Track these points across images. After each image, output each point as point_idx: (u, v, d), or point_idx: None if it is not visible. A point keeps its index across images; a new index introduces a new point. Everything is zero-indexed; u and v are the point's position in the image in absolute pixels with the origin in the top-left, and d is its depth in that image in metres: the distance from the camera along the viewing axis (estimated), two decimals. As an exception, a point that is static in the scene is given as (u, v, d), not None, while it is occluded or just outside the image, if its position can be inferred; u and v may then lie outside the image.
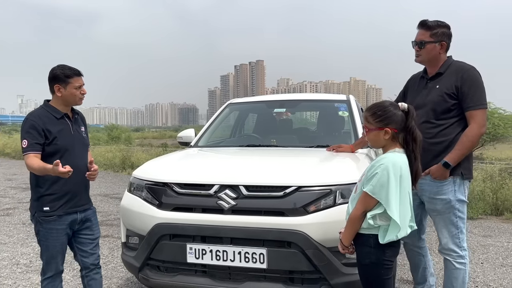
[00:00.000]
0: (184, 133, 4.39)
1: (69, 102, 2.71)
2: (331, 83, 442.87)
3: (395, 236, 2.01)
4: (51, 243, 2.67)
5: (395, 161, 2.04)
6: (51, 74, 2.66)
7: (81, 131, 2.84)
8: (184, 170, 3.15)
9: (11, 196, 8.62)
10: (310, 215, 2.57)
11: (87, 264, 2.84)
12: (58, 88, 2.65)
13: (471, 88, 2.71)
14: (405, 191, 2.05)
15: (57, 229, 2.66)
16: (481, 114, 2.71)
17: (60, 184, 2.64)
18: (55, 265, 2.73)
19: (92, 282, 2.87)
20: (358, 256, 2.16)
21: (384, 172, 2.02)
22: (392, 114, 2.12)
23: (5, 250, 4.80)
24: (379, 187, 2.02)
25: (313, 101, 4.77)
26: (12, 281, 3.86)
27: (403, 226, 2.02)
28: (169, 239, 2.77)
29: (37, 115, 2.64)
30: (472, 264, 4.29)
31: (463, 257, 2.80)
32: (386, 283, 2.09)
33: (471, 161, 2.87)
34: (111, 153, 14.77)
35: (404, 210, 2.04)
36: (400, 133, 2.13)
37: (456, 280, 2.81)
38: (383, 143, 2.16)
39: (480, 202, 6.69)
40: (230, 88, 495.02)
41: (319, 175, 2.76)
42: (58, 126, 2.66)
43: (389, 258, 2.08)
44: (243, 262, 2.62)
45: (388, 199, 2.00)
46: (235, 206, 2.66)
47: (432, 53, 2.82)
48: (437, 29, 2.80)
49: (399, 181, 2.02)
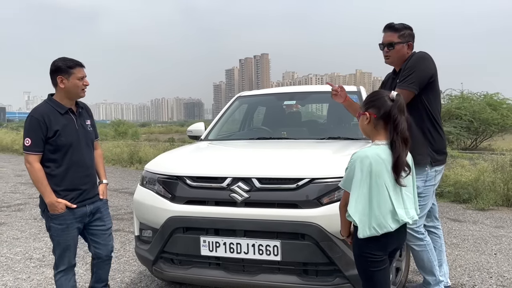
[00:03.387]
0: (193, 126, 4.38)
1: (72, 94, 2.69)
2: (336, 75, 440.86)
3: (373, 229, 1.98)
4: (62, 238, 2.70)
5: (365, 156, 2.00)
6: (53, 66, 2.65)
7: (86, 125, 2.84)
8: (197, 163, 3.15)
9: (21, 192, 8.69)
10: (324, 207, 2.56)
11: (101, 255, 2.91)
12: (61, 80, 2.63)
13: (405, 70, 2.87)
14: (380, 187, 1.99)
15: (68, 224, 2.69)
16: (400, 93, 2.79)
17: (67, 180, 2.67)
18: (67, 259, 2.76)
19: (100, 271, 2.96)
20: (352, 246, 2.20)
21: (352, 167, 2.03)
22: (377, 99, 2.09)
23: (18, 245, 4.84)
24: (347, 182, 2.06)
25: (323, 93, 4.74)
26: (26, 275, 3.89)
27: (376, 222, 1.98)
28: (182, 232, 2.77)
29: (40, 112, 2.63)
30: (485, 255, 4.26)
31: (422, 239, 2.91)
32: (375, 275, 2.07)
33: (438, 147, 2.92)
34: (119, 148, 14.81)
35: (380, 206, 1.99)
36: (380, 120, 2.06)
37: (423, 261, 2.97)
38: (367, 130, 2.13)
39: (491, 193, 6.64)
40: (235, 82, 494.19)
41: (332, 167, 2.74)
42: (62, 122, 2.66)
43: (371, 251, 2.04)
44: (257, 255, 2.62)
45: (350, 195, 2.03)
46: (248, 199, 2.65)
47: (401, 53, 2.96)
48: (404, 31, 2.95)
49: (368, 176, 1.98)
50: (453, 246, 4.59)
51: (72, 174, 2.68)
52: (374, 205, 1.99)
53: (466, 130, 13.73)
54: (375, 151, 2.02)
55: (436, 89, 2.95)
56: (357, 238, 2.06)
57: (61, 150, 2.64)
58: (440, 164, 2.98)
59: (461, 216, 6.00)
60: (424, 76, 2.85)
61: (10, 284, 3.67)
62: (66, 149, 2.65)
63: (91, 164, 2.83)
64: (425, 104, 2.90)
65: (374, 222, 1.99)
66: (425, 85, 2.87)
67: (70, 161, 2.67)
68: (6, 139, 21.85)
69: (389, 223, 2.01)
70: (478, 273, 3.76)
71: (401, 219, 2.03)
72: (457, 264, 3.99)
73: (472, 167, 7.46)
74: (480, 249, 4.45)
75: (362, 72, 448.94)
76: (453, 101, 14.76)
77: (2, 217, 6.36)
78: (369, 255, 2.05)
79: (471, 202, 6.68)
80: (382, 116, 2.05)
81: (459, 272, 3.80)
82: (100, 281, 3.00)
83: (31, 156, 2.57)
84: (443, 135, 2.99)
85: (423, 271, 3.03)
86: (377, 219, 1.99)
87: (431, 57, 2.93)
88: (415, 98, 2.86)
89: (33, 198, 7.86)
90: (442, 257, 3.19)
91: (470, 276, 3.69)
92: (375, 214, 1.99)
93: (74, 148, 2.68)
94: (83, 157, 2.73)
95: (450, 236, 5.00)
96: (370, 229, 1.99)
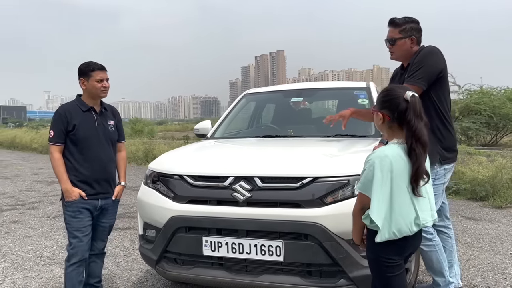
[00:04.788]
0: (200, 125, 4.36)
1: (92, 94, 2.96)
2: (353, 71, 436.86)
3: (392, 234, 1.87)
4: (75, 226, 2.87)
5: (384, 155, 1.88)
6: (78, 69, 2.96)
7: (108, 124, 3.06)
8: (199, 162, 3.11)
9: (37, 190, 8.82)
10: (327, 206, 2.50)
11: (94, 249, 3.06)
12: (83, 82, 2.94)
13: (414, 65, 2.81)
14: (401, 188, 1.88)
15: (80, 207, 2.87)
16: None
17: (83, 171, 2.90)
18: (80, 252, 2.88)
19: (93, 264, 3.11)
20: (366, 250, 2.08)
21: (371, 168, 1.89)
22: (390, 98, 1.96)
23: (30, 243, 4.90)
24: (366, 184, 1.91)
25: (331, 89, 4.65)
26: (35, 273, 3.92)
27: (396, 227, 1.87)
28: (185, 231, 2.75)
29: (64, 108, 2.94)
30: (501, 255, 4.12)
31: (430, 240, 2.86)
32: (391, 281, 1.95)
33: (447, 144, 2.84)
34: (134, 146, 14.96)
35: (401, 209, 1.88)
36: (394, 123, 1.95)
37: (431, 261, 2.91)
38: (382, 129, 2.03)
39: (509, 191, 6.45)
40: (251, 80, 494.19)
41: (336, 165, 2.67)
42: (82, 118, 2.92)
43: (389, 255, 1.93)
44: (259, 255, 2.57)
45: (372, 198, 1.88)
46: (250, 198, 2.60)
47: (403, 48, 2.90)
48: (405, 25, 2.89)
49: (389, 177, 1.86)
50: (467, 245, 4.47)
51: (88, 167, 2.91)
52: (395, 208, 1.88)
53: (485, 125, 13.40)
54: (395, 150, 1.91)
55: (445, 84, 2.85)
56: (372, 242, 1.95)
57: (80, 144, 2.89)
58: (450, 162, 2.88)
59: (477, 215, 5.84)
60: (433, 71, 2.76)
61: (19, 283, 3.71)
62: (84, 144, 2.90)
63: (108, 161, 3.03)
64: (434, 100, 2.81)
65: (394, 226, 1.87)
66: (434, 80, 2.78)
67: (87, 155, 2.91)
68: (26, 138, 22.31)
69: (409, 227, 1.90)
70: (492, 274, 3.64)
71: (422, 222, 1.93)
72: (471, 264, 3.87)
73: (489, 164, 7.26)
74: (496, 249, 4.31)
75: (379, 67, 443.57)
76: (472, 96, 14.42)
77: (16, 215, 6.46)
78: (385, 260, 1.93)
79: (488, 200, 6.51)
80: (396, 119, 1.94)
81: (472, 272, 3.69)
82: (93, 276, 3.12)
83: (53, 147, 2.87)
84: (453, 132, 2.89)
85: (432, 271, 2.95)
86: (397, 222, 1.88)
87: (441, 52, 2.83)
88: (423, 94, 2.75)
89: (48, 196, 7.97)
90: (453, 257, 3.09)
91: (484, 277, 3.57)
92: (396, 217, 1.87)
93: (92, 143, 2.93)
94: (99, 153, 2.96)
95: (465, 235, 4.87)
96: (390, 233, 1.87)
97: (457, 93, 14.56)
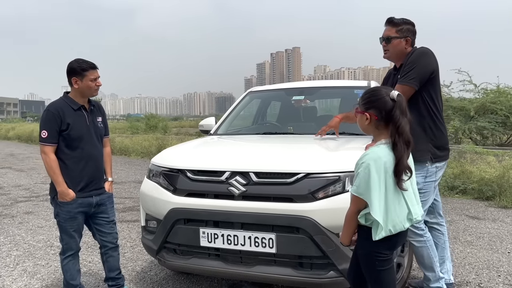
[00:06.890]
0: (205, 121, 4.50)
1: (85, 93, 2.92)
2: (370, 68, 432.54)
3: (388, 231, 1.95)
4: (69, 224, 2.90)
5: (378, 157, 1.94)
6: (68, 67, 2.88)
7: (97, 121, 3.04)
8: (198, 157, 3.25)
9: (51, 182, 9.08)
10: (318, 201, 2.60)
11: (105, 243, 3.11)
12: (76, 81, 2.87)
13: (406, 65, 2.88)
14: (395, 187, 1.96)
15: (75, 212, 2.89)
16: (400, 89, 2.76)
17: (77, 170, 2.88)
18: (74, 245, 2.97)
19: (110, 259, 3.14)
20: (356, 246, 2.15)
21: (366, 171, 1.93)
22: (377, 98, 2.02)
23: (41, 233, 5.11)
24: (363, 187, 1.94)
25: (332, 88, 4.73)
26: (45, 261, 4.12)
27: (392, 224, 1.95)
28: (183, 223, 2.87)
29: (56, 107, 2.86)
30: (498, 253, 4.16)
31: (421, 235, 2.93)
32: (382, 274, 2.04)
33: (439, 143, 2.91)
34: (148, 142, 15.22)
35: (395, 207, 1.97)
36: (381, 122, 2.02)
37: (422, 257, 2.97)
38: (368, 130, 2.09)
39: (515, 191, 6.43)
40: (266, 76, 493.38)
41: (328, 162, 2.77)
42: (74, 117, 2.88)
43: (382, 251, 2.02)
44: (253, 247, 2.68)
45: (371, 199, 1.92)
46: (245, 192, 2.72)
47: (398, 47, 2.97)
48: (403, 26, 2.96)
49: (384, 177, 1.93)
50: (466, 243, 4.51)
51: (83, 166, 2.91)
52: (391, 206, 1.96)
53: (502, 125, 13.22)
54: (385, 151, 1.98)
55: (437, 85, 2.92)
56: (364, 239, 2.04)
57: (73, 143, 2.87)
58: (442, 160, 2.95)
59: (481, 214, 5.86)
60: (425, 71, 2.83)
61: (29, 270, 3.91)
62: (77, 143, 2.88)
63: (100, 158, 3.04)
64: (426, 100, 2.88)
65: (390, 224, 1.96)
66: (426, 81, 2.85)
67: (81, 154, 2.90)
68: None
69: (403, 223, 2.00)
70: (486, 271, 3.69)
71: (414, 217, 2.03)
72: (466, 262, 3.93)
73: (497, 164, 7.24)
74: (494, 248, 4.35)
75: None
76: (489, 95, 14.22)
77: (31, 206, 6.70)
78: (377, 254, 2.02)
79: (494, 200, 6.50)
80: (384, 118, 2.01)
81: (467, 269, 3.75)
82: (112, 269, 3.17)
83: (47, 147, 2.80)
84: (444, 131, 2.96)
85: (423, 267, 3.02)
86: (393, 220, 1.97)
87: (433, 53, 2.90)
88: (415, 94, 2.84)
89: (62, 189, 8.21)
90: (445, 254, 3.17)
91: (478, 274, 3.63)
92: (391, 215, 1.96)
93: (85, 142, 2.91)
94: (93, 151, 2.96)
95: (465, 233, 4.90)
96: (386, 230, 1.96)
97: (473, 92, 14.38)
